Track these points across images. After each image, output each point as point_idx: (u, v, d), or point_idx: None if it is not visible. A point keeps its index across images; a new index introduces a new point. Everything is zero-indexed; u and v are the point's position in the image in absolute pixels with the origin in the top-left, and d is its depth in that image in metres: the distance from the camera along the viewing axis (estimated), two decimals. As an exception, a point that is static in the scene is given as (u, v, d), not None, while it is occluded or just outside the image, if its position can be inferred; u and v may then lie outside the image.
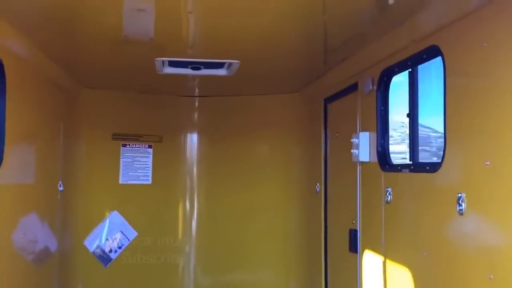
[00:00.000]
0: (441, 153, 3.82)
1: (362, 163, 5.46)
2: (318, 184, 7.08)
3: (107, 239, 7.63)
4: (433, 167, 3.99)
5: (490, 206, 3.31)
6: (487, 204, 3.34)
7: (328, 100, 6.80)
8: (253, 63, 6.01)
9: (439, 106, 3.78)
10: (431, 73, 4.58)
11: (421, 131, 5.00)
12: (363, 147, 5.30)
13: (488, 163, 3.27)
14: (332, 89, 6.54)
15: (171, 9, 4.22)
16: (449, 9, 3.77)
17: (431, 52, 4.06)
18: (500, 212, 3.20)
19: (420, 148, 4.97)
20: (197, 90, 7.97)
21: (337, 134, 6.60)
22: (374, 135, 5.18)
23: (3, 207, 4.62)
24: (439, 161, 3.89)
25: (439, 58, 3.91)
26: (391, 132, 5.14)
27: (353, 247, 5.76)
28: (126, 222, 7.80)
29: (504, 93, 3.20)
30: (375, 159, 5.16)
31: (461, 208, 3.53)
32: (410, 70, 4.60)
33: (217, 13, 4.32)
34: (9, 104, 4.72)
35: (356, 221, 5.71)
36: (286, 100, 7.91)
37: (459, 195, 3.55)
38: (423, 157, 4.27)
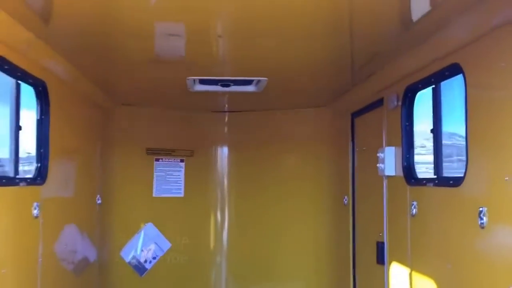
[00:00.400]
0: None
1: (388, 177, 5.59)
2: (346, 196, 7.22)
3: (142, 250, 7.91)
4: (456, 182, 4.11)
5: (510, 220, 3.41)
6: (508, 218, 3.45)
7: (355, 114, 6.95)
8: (280, 79, 6.22)
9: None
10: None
11: (458, 141, 4.98)
12: (389, 161, 5.43)
13: (507, 178, 3.38)
14: (359, 104, 6.69)
15: (201, 33, 4.46)
16: (470, 28, 3.89)
17: (453, 70, 4.19)
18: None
19: (456, 158, 5.00)
20: (227, 105, 8.22)
21: (364, 148, 6.73)
22: (399, 149, 5.31)
23: (47, 219, 4.92)
24: (462, 175, 4.00)
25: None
26: (425, 142, 5.21)
27: (380, 259, 5.87)
28: (160, 234, 8.06)
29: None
30: (400, 173, 5.29)
31: (482, 221, 3.64)
32: (433, 86, 4.72)
33: (245, 35, 4.54)
34: (52, 122, 5.04)
35: (383, 234, 5.82)
36: (314, 114, 8.09)
37: (481, 209, 3.66)
38: (459, 167, 4.34)
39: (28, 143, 4.94)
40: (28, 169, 5.06)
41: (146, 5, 3.75)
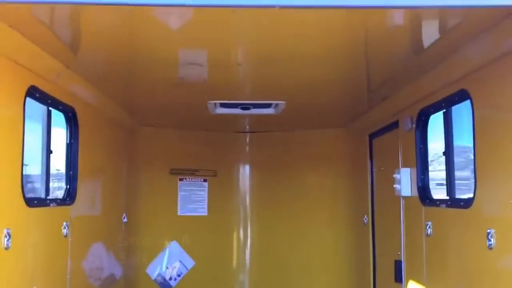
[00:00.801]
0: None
1: (405, 197, 5.70)
2: (366, 216, 7.33)
3: (167, 268, 8.13)
4: (467, 203, 4.23)
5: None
6: (514, 240, 3.56)
7: (373, 135, 7.10)
8: (298, 102, 6.42)
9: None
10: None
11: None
12: (405, 182, 5.55)
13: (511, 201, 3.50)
14: (376, 125, 6.83)
15: (221, 61, 4.70)
16: (476, 55, 4.04)
17: (461, 96, 4.33)
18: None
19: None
20: (247, 126, 8.44)
21: (382, 168, 6.86)
22: (415, 170, 5.43)
23: (76, 238, 5.18)
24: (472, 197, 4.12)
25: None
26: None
27: (398, 278, 5.98)
28: (184, 252, 8.28)
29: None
30: (416, 193, 5.41)
31: (490, 243, 3.75)
32: (444, 110, 4.85)
33: (264, 62, 4.76)
34: (81, 145, 5.32)
35: (401, 253, 5.93)
36: (333, 135, 8.26)
37: (489, 230, 3.77)
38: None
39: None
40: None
41: (170, 35, 3.98)
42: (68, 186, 5.19)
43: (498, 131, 3.82)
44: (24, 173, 4.09)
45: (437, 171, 5.57)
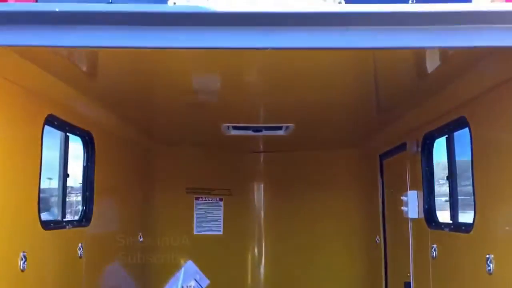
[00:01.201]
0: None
1: (412, 219, 5.77)
2: (378, 236, 7.40)
3: (182, 287, 8.28)
4: (467, 228, 4.30)
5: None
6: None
7: (383, 156, 7.18)
8: (307, 125, 6.59)
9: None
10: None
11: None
12: (412, 205, 5.63)
13: (507, 228, 3.58)
14: (386, 146, 6.93)
15: (234, 88, 4.90)
16: (475, 83, 4.14)
17: (461, 122, 4.42)
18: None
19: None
20: (261, 146, 8.61)
21: (392, 190, 6.93)
22: (421, 193, 5.51)
23: (91, 259, 5.38)
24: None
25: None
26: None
27: (408, 299, 6.02)
28: (199, 271, 8.41)
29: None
30: (423, 216, 5.48)
31: (489, 268, 3.82)
32: (447, 136, 4.94)
33: (275, 90, 4.94)
34: (97, 167, 5.54)
35: (410, 274, 5.98)
36: (345, 155, 8.37)
37: (488, 256, 3.84)
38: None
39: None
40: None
41: (185, 65, 4.17)
42: (84, 208, 5.41)
43: (495, 158, 3.90)
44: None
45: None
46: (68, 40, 3.00)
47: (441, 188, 5.44)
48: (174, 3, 3.12)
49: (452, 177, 4.90)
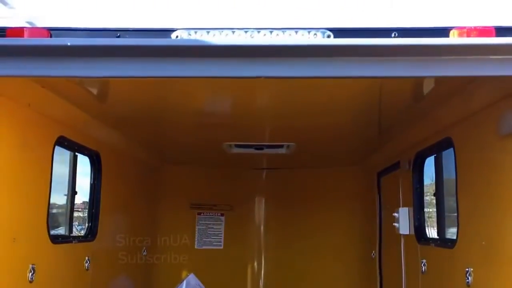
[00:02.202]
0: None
1: (404, 235, 6.02)
2: (373, 251, 7.63)
3: (184, 299, 8.49)
4: (452, 244, 4.54)
5: (488, 280, 3.84)
6: (487, 279, 3.87)
7: (381, 174, 7.44)
8: (308, 145, 6.88)
9: None
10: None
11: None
12: (403, 221, 5.87)
13: (484, 242, 3.83)
14: (383, 164, 7.19)
15: (237, 110, 5.19)
16: (459, 107, 4.41)
17: (446, 143, 4.69)
18: (496, 285, 3.72)
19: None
20: (263, 164, 8.88)
21: (388, 206, 7.18)
22: (411, 210, 5.76)
23: (96, 271, 5.64)
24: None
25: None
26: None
27: (401, 313, 6.24)
28: (201, 284, 8.64)
29: (502, 184, 3.75)
30: (413, 232, 5.72)
31: (468, 281, 4.07)
32: (435, 155, 5.21)
33: (277, 112, 5.23)
34: (104, 184, 5.82)
35: (403, 288, 6.21)
36: (345, 173, 8.62)
37: (467, 269, 4.09)
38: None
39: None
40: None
41: (191, 91, 4.46)
42: (90, 224, 5.68)
43: (476, 178, 4.17)
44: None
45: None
46: (78, 71, 3.29)
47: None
48: (177, 37, 3.41)
49: (439, 194, 5.15)
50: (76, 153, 5.43)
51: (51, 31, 3.32)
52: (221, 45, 3.29)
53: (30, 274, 4.20)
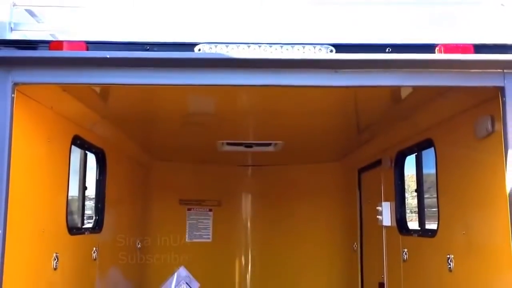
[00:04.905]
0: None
1: (386, 227, 6.58)
2: (355, 243, 8.19)
3: (175, 289, 8.92)
4: (433, 233, 5.11)
5: (469, 266, 4.40)
6: (467, 264, 4.44)
7: (362, 170, 7.99)
8: (295, 142, 7.38)
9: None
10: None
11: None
12: (386, 214, 6.43)
13: (464, 232, 4.40)
14: (364, 161, 7.75)
15: (228, 111, 5.63)
16: (439, 111, 4.96)
17: (427, 143, 5.25)
18: (475, 270, 4.29)
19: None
20: (250, 161, 9.35)
21: (369, 201, 7.74)
22: (393, 204, 6.32)
23: (102, 261, 6.02)
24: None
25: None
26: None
27: (382, 298, 6.81)
28: (190, 275, 9.07)
29: (479, 181, 4.31)
30: (395, 224, 6.28)
31: (449, 266, 4.63)
32: (416, 154, 5.77)
33: (266, 113, 5.69)
34: (108, 180, 6.20)
35: (384, 276, 6.77)
36: (328, 169, 9.16)
37: (448, 256, 4.65)
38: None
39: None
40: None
41: (183, 93, 4.87)
42: (97, 217, 6.06)
43: (455, 174, 4.73)
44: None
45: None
46: (112, 79, 3.70)
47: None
48: (199, 50, 3.84)
49: (420, 190, 5.72)
50: (86, 151, 5.80)
51: (88, 44, 3.71)
52: (238, 58, 3.76)
53: (54, 262, 4.58)
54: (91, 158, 6.07)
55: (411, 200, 6.34)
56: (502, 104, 3.76)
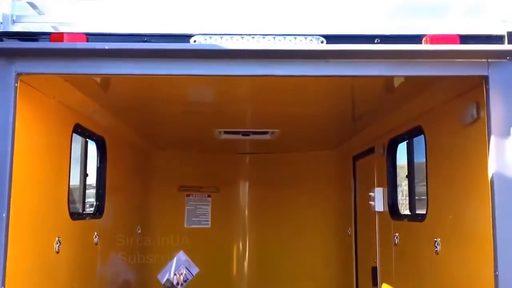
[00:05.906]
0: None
1: (378, 212, 6.77)
2: (349, 228, 8.39)
3: (175, 274, 9.14)
4: (422, 218, 5.29)
5: (453, 249, 4.59)
6: (453, 246, 4.62)
7: (356, 157, 8.17)
8: (291, 131, 7.55)
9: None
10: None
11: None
12: (378, 199, 6.61)
13: (450, 216, 4.58)
14: (358, 149, 7.92)
15: (226, 99, 5.79)
16: (429, 99, 5.11)
17: (418, 131, 5.42)
18: (460, 252, 4.47)
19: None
20: (248, 148, 9.53)
21: (363, 187, 7.93)
22: (386, 190, 6.50)
23: (103, 246, 6.22)
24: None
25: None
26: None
27: (375, 282, 7.01)
28: (190, 260, 9.28)
29: (467, 167, 4.47)
30: (387, 209, 6.47)
31: (436, 249, 4.82)
32: (407, 141, 5.94)
33: (262, 104, 5.86)
34: (108, 167, 6.38)
35: (377, 260, 6.97)
36: (323, 156, 9.34)
37: (435, 239, 4.84)
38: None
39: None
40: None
41: (181, 81, 5.02)
42: (98, 203, 6.25)
43: (443, 161, 4.90)
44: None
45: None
46: (112, 69, 3.86)
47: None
48: (195, 41, 3.99)
49: (410, 176, 5.89)
50: (87, 139, 5.96)
51: (88, 36, 3.86)
52: (232, 49, 3.91)
53: (57, 245, 4.77)
54: (92, 148, 6.24)
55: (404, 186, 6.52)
56: (485, 92, 3.92)
